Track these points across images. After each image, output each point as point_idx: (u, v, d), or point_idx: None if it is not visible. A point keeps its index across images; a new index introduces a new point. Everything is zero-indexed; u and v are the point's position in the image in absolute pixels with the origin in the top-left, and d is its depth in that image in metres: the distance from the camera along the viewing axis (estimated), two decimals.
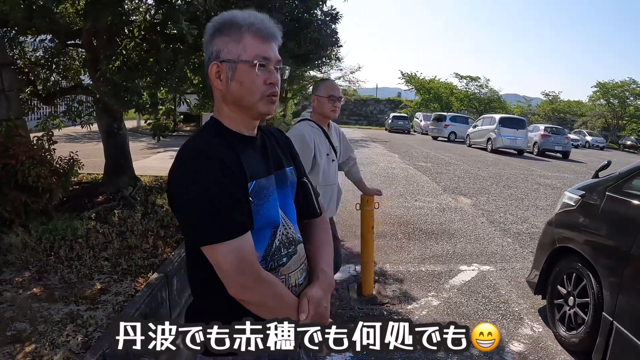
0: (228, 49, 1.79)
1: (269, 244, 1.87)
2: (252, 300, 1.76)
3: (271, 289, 1.78)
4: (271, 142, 2.03)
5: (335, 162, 4.61)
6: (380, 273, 6.68)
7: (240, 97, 1.81)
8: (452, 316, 5.47)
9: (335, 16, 8.46)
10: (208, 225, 1.68)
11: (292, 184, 2.05)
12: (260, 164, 1.88)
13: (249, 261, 1.70)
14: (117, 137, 9.10)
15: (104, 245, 5.88)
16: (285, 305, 1.81)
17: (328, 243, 2.14)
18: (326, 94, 4.36)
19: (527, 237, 9.03)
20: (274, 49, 1.84)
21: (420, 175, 16.40)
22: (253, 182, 1.79)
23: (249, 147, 1.88)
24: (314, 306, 1.85)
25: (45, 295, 4.64)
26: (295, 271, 1.95)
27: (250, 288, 1.73)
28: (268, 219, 1.85)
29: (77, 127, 10.18)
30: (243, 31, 1.79)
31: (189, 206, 1.71)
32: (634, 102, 60.59)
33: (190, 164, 1.72)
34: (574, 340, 4.72)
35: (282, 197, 1.96)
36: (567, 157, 30.32)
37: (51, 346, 3.75)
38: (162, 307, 4.75)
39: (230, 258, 1.67)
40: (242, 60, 1.78)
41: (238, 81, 1.79)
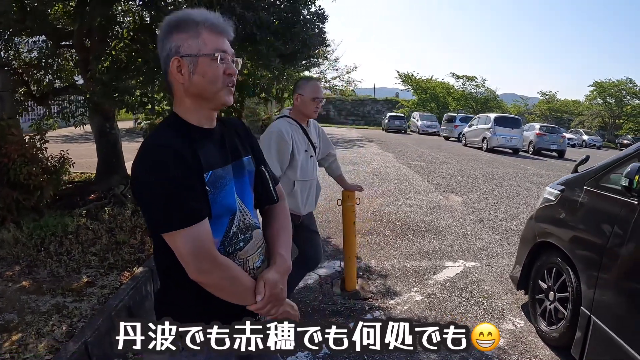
0: (187, 44, 1.88)
1: (227, 230, 1.97)
2: (210, 282, 1.86)
3: (227, 272, 1.87)
4: (230, 133, 2.13)
5: (314, 158, 4.68)
6: (365, 269, 6.75)
7: (202, 88, 1.91)
8: (434, 311, 5.54)
9: (323, 15, 8.52)
10: (166, 214, 1.78)
11: (250, 172, 2.15)
12: (217, 154, 1.98)
13: (206, 247, 1.80)
14: (109, 137, 9.18)
15: (92, 241, 5.99)
16: (242, 287, 1.92)
17: (286, 228, 2.25)
18: (311, 95, 4.43)
19: (515, 234, 9.04)
20: (227, 43, 1.96)
21: (412, 174, 16.45)
22: (209, 172, 1.90)
23: (207, 139, 1.97)
24: (269, 288, 1.95)
25: (33, 288, 4.78)
26: (252, 255, 2.06)
27: (208, 271, 1.82)
28: (225, 206, 1.95)
29: (75, 127, 10.24)
30: (200, 27, 1.89)
31: (148, 196, 1.82)
32: (631, 101, 60.57)
33: (147, 156, 1.81)
34: (554, 335, 4.77)
35: (239, 186, 2.06)
36: (563, 156, 30.33)
37: (37, 335, 3.90)
38: (147, 300, 4.84)
39: (188, 244, 1.77)
40: (203, 54, 1.88)
41: (200, 74, 1.89)
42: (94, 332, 3.79)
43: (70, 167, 8.00)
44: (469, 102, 62.94)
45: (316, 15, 8.51)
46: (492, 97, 63.66)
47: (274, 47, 7.36)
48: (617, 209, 4.04)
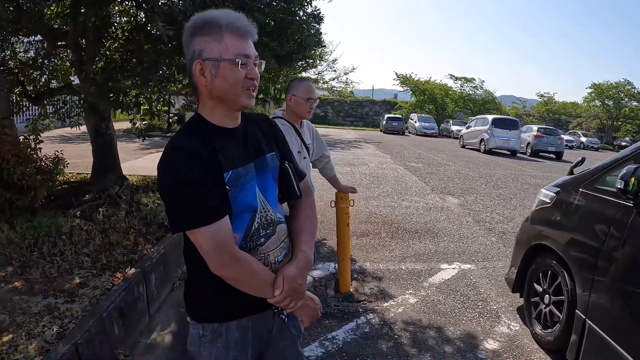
0: (210, 48, 1.91)
1: (248, 227, 2.04)
2: (231, 276, 1.95)
3: (247, 266, 1.95)
4: (253, 130, 2.18)
5: (307, 160, 4.65)
6: (359, 271, 6.73)
7: (224, 92, 1.95)
8: (428, 314, 5.52)
9: (319, 16, 8.50)
10: (187, 213, 1.86)
11: (274, 168, 2.20)
12: (239, 153, 2.03)
13: (226, 243, 1.88)
14: (105, 137, 9.14)
15: (86, 241, 5.96)
16: (261, 281, 1.99)
17: (309, 224, 2.31)
18: (305, 96, 4.42)
19: (511, 236, 9.03)
20: (251, 45, 1.97)
21: (409, 176, 16.44)
22: (230, 171, 1.96)
23: (229, 138, 2.03)
24: (288, 282, 2.01)
25: (25, 289, 4.75)
26: (274, 250, 2.14)
27: (228, 266, 1.91)
28: (246, 204, 2.02)
29: (70, 128, 10.22)
30: (223, 30, 1.91)
31: (170, 196, 1.90)
32: (629, 103, 60.67)
33: (166, 158, 1.88)
34: (549, 338, 4.75)
35: (262, 182, 2.12)
36: (561, 157, 30.37)
37: (27, 336, 3.87)
38: (139, 302, 4.81)
39: (208, 240, 1.86)
40: (224, 59, 1.91)
41: (222, 77, 1.93)
42: (85, 334, 3.76)
43: (65, 168, 7.98)
44: (467, 103, 62.97)
45: (312, 16, 8.48)
46: (490, 98, 63.68)
47: (269, 47, 7.33)
48: (612, 211, 4.03)
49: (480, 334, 5.13)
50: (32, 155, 7.09)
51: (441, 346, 4.81)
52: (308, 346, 4.64)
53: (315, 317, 2.22)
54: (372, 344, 4.78)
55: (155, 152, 17.59)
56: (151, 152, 17.48)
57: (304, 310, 2.15)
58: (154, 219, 7.08)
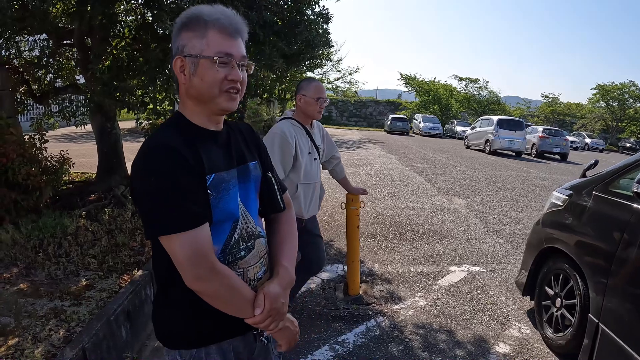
0: (192, 44, 1.80)
1: (228, 238, 1.88)
2: (207, 291, 1.76)
3: (226, 281, 1.77)
4: (236, 137, 2.04)
5: (318, 161, 4.60)
6: (368, 273, 6.67)
7: (201, 92, 1.83)
8: (438, 317, 5.46)
9: (327, 16, 8.46)
10: (164, 216, 1.69)
11: (256, 178, 2.06)
12: (222, 157, 1.90)
13: (204, 253, 1.71)
14: (110, 136, 9.12)
15: (92, 242, 5.93)
16: (241, 298, 1.82)
17: (291, 238, 2.15)
18: (315, 95, 4.35)
19: (519, 238, 9.01)
20: (238, 45, 1.84)
21: (415, 177, 16.38)
22: (212, 175, 1.81)
23: (211, 140, 1.90)
24: (269, 302, 1.85)
25: (31, 291, 4.71)
26: (254, 265, 1.97)
27: (205, 279, 1.72)
28: (227, 212, 1.87)
29: (76, 127, 10.19)
30: (208, 27, 1.79)
31: (146, 197, 1.72)
32: (634, 104, 60.58)
33: (146, 155, 1.73)
34: (560, 342, 4.69)
35: (244, 192, 1.97)
36: (566, 158, 30.30)
37: (33, 340, 3.81)
38: (146, 305, 4.76)
39: (186, 249, 1.68)
40: (203, 56, 1.79)
41: (199, 76, 1.80)
42: (92, 338, 3.71)
43: (70, 167, 7.93)
44: (471, 104, 62.96)
45: (320, 15, 8.45)
46: (495, 99, 63.65)
47: (277, 47, 7.29)
48: (627, 215, 3.96)
49: (490, 337, 5.08)
50: (37, 155, 7.06)
51: (452, 350, 4.76)
52: (318, 350, 4.59)
53: (293, 342, 2.05)
54: (382, 347, 4.72)
55: None
56: None
57: (283, 334, 1.99)
58: None
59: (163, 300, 1.93)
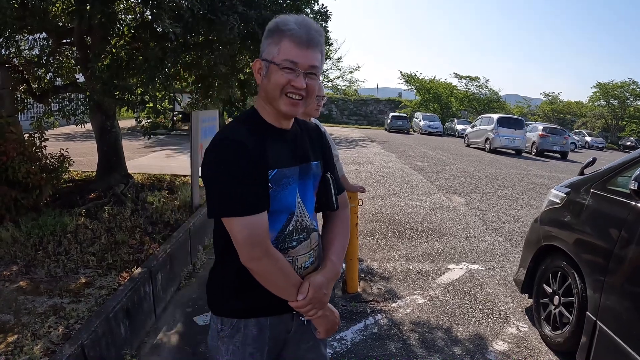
0: (269, 50, 1.95)
1: (283, 227, 2.05)
2: (259, 271, 1.94)
3: (277, 264, 1.95)
4: (303, 136, 2.20)
5: None
6: (367, 271, 6.69)
7: (267, 92, 1.98)
8: (437, 315, 5.48)
9: (326, 14, 8.45)
10: (228, 200, 1.87)
11: (316, 177, 2.22)
12: (286, 154, 2.05)
13: (260, 236, 1.88)
14: (110, 135, 9.11)
15: (91, 240, 5.93)
16: (288, 282, 2.00)
17: (342, 235, 2.30)
18: None
19: (518, 236, 9.02)
20: (309, 55, 1.95)
21: (415, 175, 16.41)
22: (275, 170, 1.97)
23: (279, 138, 2.05)
24: (313, 290, 2.01)
25: (30, 288, 4.71)
26: (303, 255, 2.12)
27: (259, 259, 1.90)
28: (284, 204, 2.03)
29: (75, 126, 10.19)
30: (284, 35, 1.92)
31: (214, 182, 1.91)
32: (634, 102, 60.47)
33: (218, 147, 1.91)
34: (558, 339, 4.71)
35: (303, 188, 2.13)
36: (566, 157, 30.31)
37: (32, 337, 3.82)
38: (145, 302, 4.77)
39: (244, 231, 1.86)
40: (273, 62, 1.93)
41: (269, 79, 1.96)
42: (91, 335, 3.72)
43: (70, 166, 7.93)
44: (471, 102, 62.87)
45: (319, 13, 8.45)
46: (495, 97, 63.55)
47: None
48: (625, 212, 3.98)
49: (489, 335, 5.09)
50: (37, 154, 7.06)
51: (450, 347, 4.77)
52: None
53: (332, 331, 2.22)
54: (380, 345, 4.74)
55: (160, 150, 17.60)
56: (156, 150, 17.48)
57: (323, 321, 2.13)
58: (159, 217, 7.05)
59: (217, 272, 2.15)
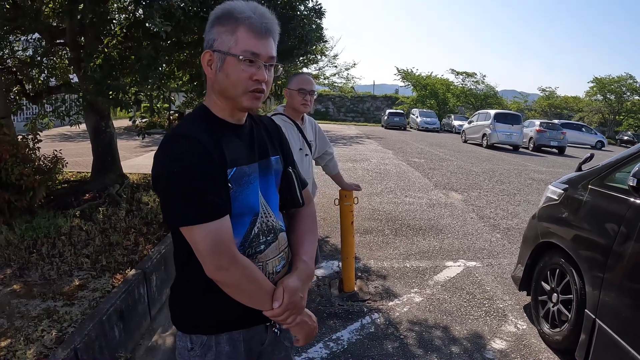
0: (221, 39, 1.80)
1: (248, 231, 1.90)
2: (228, 282, 1.78)
3: (247, 272, 1.79)
4: (259, 131, 2.06)
5: (310, 157, 4.54)
6: (363, 269, 6.64)
7: (224, 88, 1.84)
8: (434, 313, 5.44)
9: (320, 11, 8.42)
10: (186, 207, 1.71)
11: (277, 172, 2.08)
12: (244, 151, 1.91)
13: (225, 244, 1.73)
14: (105, 135, 9.09)
15: (85, 242, 5.90)
16: (260, 290, 1.84)
17: (311, 234, 2.17)
18: (296, 87, 4.28)
19: (516, 232, 8.99)
20: (267, 45, 1.84)
21: (412, 171, 16.36)
22: (234, 168, 1.83)
23: (234, 134, 1.91)
24: (288, 295, 1.87)
25: (24, 292, 4.68)
26: (273, 259, 1.99)
27: (226, 269, 1.74)
28: (247, 206, 1.88)
29: (70, 126, 10.16)
30: (239, 23, 1.79)
31: (169, 188, 1.73)
32: (631, 97, 60.54)
33: (170, 146, 1.76)
34: (557, 337, 4.67)
35: (265, 186, 1.99)
36: (563, 152, 30.32)
37: (26, 341, 3.78)
38: (140, 304, 4.73)
39: (207, 240, 1.70)
40: (230, 53, 1.79)
41: (225, 72, 1.82)
42: (84, 338, 3.69)
43: (64, 167, 7.90)
44: (468, 98, 62.94)
45: (313, 10, 8.42)
46: (491, 93, 63.64)
47: None
48: (623, 208, 3.94)
49: (487, 333, 5.05)
50: (31, 155, 7.01)
51: (448, 346, 4.73)
52: (312, 347, 4.57)
53: (311, 337, 2.06)
54: (377, 344, 4.70)
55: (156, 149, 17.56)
56: (152, 150, 17.42)
57: (301, 328, 1.99)
58: (154, 218, 7.01)
59: (179, 286, 1.98)
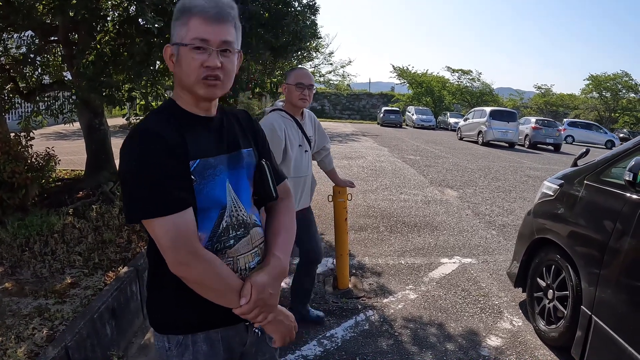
0: (177, 32, 1.79)
1: (215, 225, 1.84)
2: (190, 277, 1.73)
3: (211, 267, 1.73)
4: (230, 123, 2.01)
5: (309, 153, 4.48)
6: (358, 266, 6.62)
7: (181, 79, 1.82)
8: (429, 310, 5.41)
9: (314, 7, 8.40)
10: (145, 200, 1.68)
11: (249, 165, 2.01)
12: (211, 143, 1.87)
13: (186, 237, 1.68)
14: (99, 133, 9.05)
15: (78, 240, 5.87)
16: (226, 286, 1.78)
17: (287, 229, 2.09)
18: (294, 82, 4.21)
19: (512, 229, 8.97)
20: (220, 30, 1.77)
21: (407, 168, 16.34)
22: (197, 160, 1.79)
23: (201, 126, 1.87)
24: (256, 291, 1.79)
25: (16, 290, 4.65)
26: (245, 254, 1.92)
27: (188, 264, 1.69)
28: (213, 199, 1.83)
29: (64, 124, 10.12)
30: (191, 14, 1.75)
31: (128, 180, 1.71)
32: (627, 94, 60.57)
33: (132, 140, 1.73)
34: (553, 334, 4.65)
35: (235, 179, 1.93)
36: (559, 149, 30.32)
37: (17, 339, 3.75)
38: (132, 302, 4.70)
39: (168, 233, 1.66)
40: (182, 43, 1.77)
41: (180, 64, 1.80)
42: (75, 336, 3.65)
43: (56, 164, 7.86)
44: (464, 96, 62.97)
45: (307, 7, 8.40)
46: (487, 90, 63.67)
47: (263, 39, 7.22)
48: (619, 204, 3.91)
49: (482, 330, 5.03)
50: (23, 153, 6.98)
51: (443, 343, 4.71)
52: (306, 345, 4.54)
53: (289, 338, 1.98)
54: (372, 342, 4.67)
55: None
56: None
57: (276, 327, 1.92)
58: None
59: (152, 284, 1.93)
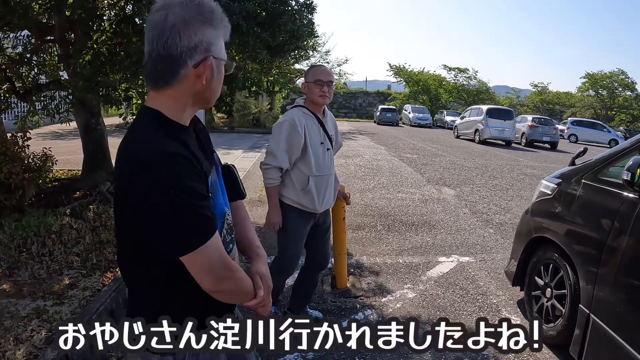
0: (218, 45, 1.74)
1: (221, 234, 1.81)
2: (229, 289, 1.71)
3: (241, 273, 1.75)
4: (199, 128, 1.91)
5: (331, 152, 4.39)
6: (356, 265, 6.62)
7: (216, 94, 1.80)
8: (427, 309, 5.41)
9: (311, 6, 8.39)
10: (192, 229, 1.55)
11: (218, 167, 1.96)
12: (203, 154, 1.77)
13: (224, 254, 1.65)
14: (95, 133, 9.03)
15: (76, 240, 5.85)
16: (248, 284, 1.79)
17: (249, 219, 2.18)
18: (313, 79, 4.14)
19: (509, 227, 8.97)
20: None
21: (404, 167, 16.35)
22: (209, 176, 1.73)
23: (189, 136, 1.74)
24: (265, 281, 1.86)
25: (14, 291, 4.65)
26: (236, 256, 1.98)
27: (229, 278, 1.68)
28: (219, 209, 1.81)
29: (61, 124, 10.08)
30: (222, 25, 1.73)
31: (169, 212, 1.53)
32: (623, 92, 60.70)
33: (155, 167, 1.51)
34: (551, 333, 4.64)
35: (220, 184, 1.93)
36: (556, 147, 30.38)
37: (15, 341, 3.76)
38: None
39: (212, 256, 1.59)
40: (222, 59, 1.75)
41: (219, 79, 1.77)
42: None
43: (54, 165, 7.84)
44: (461, 94, 63.02)
45: (304, 5, 8.39)
46: (484, 89, 63.74)
47: (261, 38, 7.21)
48: (617, 203, 3.91)
49: None
50: (20, 153, 6.96)
51: None
52: None
53: None
54: None
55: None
56: None
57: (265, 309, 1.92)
58: None
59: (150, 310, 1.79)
